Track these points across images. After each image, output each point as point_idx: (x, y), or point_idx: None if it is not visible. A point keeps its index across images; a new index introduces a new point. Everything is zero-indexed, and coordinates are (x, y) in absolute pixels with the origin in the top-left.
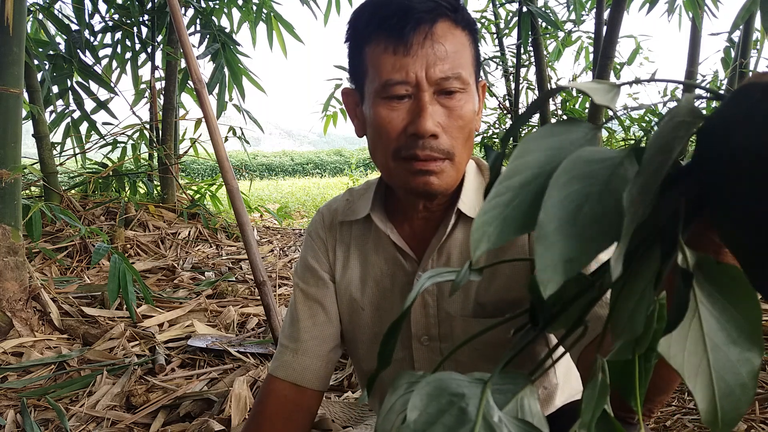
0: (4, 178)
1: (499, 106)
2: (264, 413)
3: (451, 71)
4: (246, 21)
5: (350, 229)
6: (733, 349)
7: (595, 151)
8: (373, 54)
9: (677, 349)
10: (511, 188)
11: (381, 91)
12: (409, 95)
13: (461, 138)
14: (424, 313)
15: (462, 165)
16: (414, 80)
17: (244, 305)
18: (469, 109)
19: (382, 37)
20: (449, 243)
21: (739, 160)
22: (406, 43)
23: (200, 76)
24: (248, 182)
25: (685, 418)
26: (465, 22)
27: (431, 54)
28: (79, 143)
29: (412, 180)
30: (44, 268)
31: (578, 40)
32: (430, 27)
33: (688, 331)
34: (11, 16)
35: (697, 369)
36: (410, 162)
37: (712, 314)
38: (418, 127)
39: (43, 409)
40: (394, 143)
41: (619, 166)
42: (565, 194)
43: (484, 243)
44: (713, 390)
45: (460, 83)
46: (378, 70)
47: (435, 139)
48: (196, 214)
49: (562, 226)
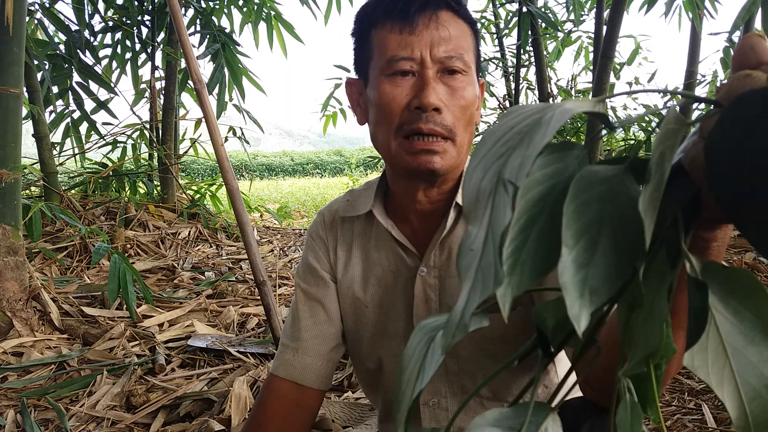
0: (4, 178)
1: (499, 106)
2: (265, 412)
3: (454, 51)
4: (247, 21)
5: (352, 226)
6: (753, 351)
7: (593, 173)
8: (379, 36)
9: (700, 360)
10: (521, 231)
11: (385, 68)
12: (413, 72)
13: (462, 119)
14: (426, 308)
15: (462, 149)
16: (419, 57)
17: (244, 305)
18: (470, 92)
19: (388, 20)
20: (451, 238)
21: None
22: (411, 23)
23: (200, 76)
24: (248, 182)
25: (686, 418)
26: (466, 17)
27: (435, 35)
28: (79, 143)
29: (414, 160)
30: (44, 268)
31: (578, 40)
32: (434, 11)
33: (707, 340)
34: (11, 16)
35: (722, 377)
36: (412, 141)
37: (726, 319)
38: (422, 100)
39: (43, 409)
40: (398, 119)
41: (620, 183)
42: (579, 224)
43: (510, 293)
44: (740, 396)
45: (462, 64)
46: (383, 49)
47: (438, 114)
48: (196, 214)
49: (582, 255)
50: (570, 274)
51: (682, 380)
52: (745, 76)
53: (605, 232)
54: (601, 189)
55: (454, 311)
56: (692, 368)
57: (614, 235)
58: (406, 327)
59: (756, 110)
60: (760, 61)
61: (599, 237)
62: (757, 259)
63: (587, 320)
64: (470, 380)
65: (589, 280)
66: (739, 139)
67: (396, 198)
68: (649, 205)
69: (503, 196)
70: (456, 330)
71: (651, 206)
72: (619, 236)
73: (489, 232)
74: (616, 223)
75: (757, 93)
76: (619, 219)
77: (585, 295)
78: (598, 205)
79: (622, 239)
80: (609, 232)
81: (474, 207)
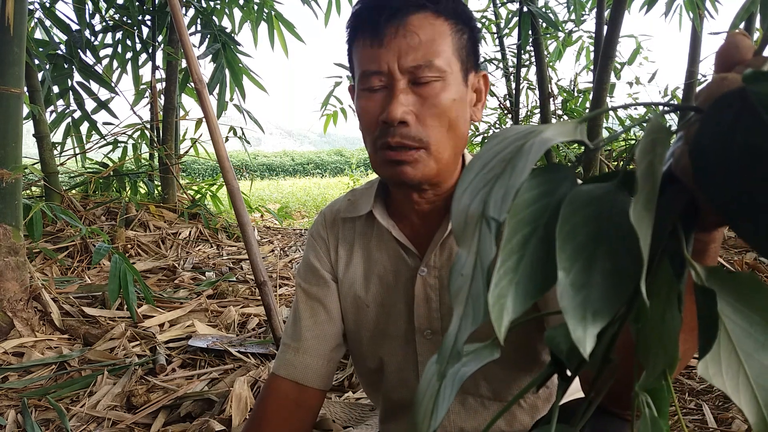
0: (5, 178)
1: (499, 106)
2: (265, 411)
3: (423, 59)
4: (247, 21)
5: (353, 226)
6: (765, 355)
7: (583, 193)
8: (356, 50)
9: (715, 369)
10: (514, 251)
11: (360, 82)
12: (384, 86)
13: (437, 126)
14: (427, 308)
15: (443, 154)
16: (387, 70)
17: (244, 305)
18: (446, 97)
19: (362, 32)
20: (451, 238)
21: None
22: (379, 35)
23: (201, 76)
24: (249, 182)
25: (686, 419)
26: (449, 12)
27: (403, 44)
28: (79, 143)
29: (388, 170)
30: (45, 268)
31: (579, 40)
32: (402, 18)
33: (719, 348)
34: (12, 16)
35: (737, 384)
36: (385, 151)
37: (735, 323)
38: (387, 115)
39: (44, 409)
40: (372, 133)
41: (612, 200)
42: (573, 246)
43: (506, 317)
44: (757, 401)
45: (433, 72)
46: (359, 63)
47: (405, 126)
48: (197, 214)
49: (579, 277)
50: (569, 298)
51: (683, 380)
52: (721, 80)
53: (601, 251)
54: (593, 208)
55: (447, 338)
56: (707, 377)
57: (611, 254)
58: (407, 327)
59: (734, 110)
60: (743, 59)
61: (595, 257)
62: (758, 260)
63: (592, 342)
64: (471, 381)
65: (590, 301)
66: (723, 141)
67: (395, 199)
68: (641, 216)
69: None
70: (450, 357)
71: (644, 217)
72: (616, 254)
73: (477, 261)
74: (612, 241)
75: (735, 93)
76: (615, 236)
77: (587, 317)
78: (593, 224)
79: (619, 256)
80: (605, 251)
81: (463, 231)
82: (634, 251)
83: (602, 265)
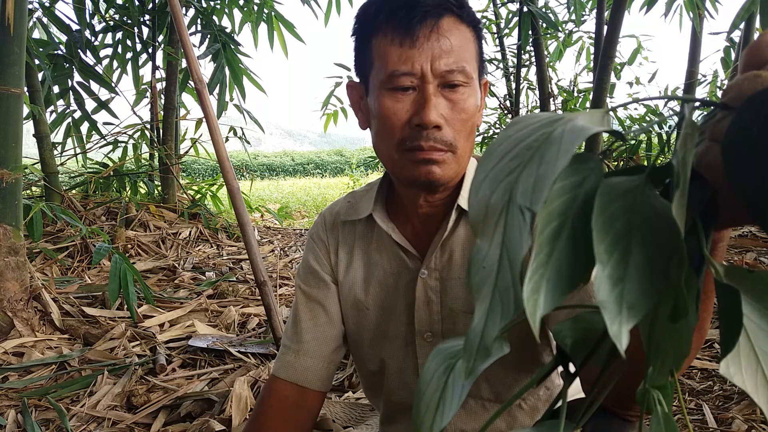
0: (5, 178)
1: (499, 106)
2: (265, 413)
3: (455, 64)
4: (247, 21)
5: (353, 229)
6: None
7: (615, 185)
8: (380, 46)
9: (735, 368)
10: (545, 243)
11: (386, 82)
12: (413, 87)
13: (464, 131)
14: (427, 310)
15: (464, 159)
16: (419, 72)
17: (244, 305)
18: (471, 104)
19: (389, 29)
20: (452, 240)
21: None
22: (412, 35)
23: (201, 76)
24: (249, 182)
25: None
26: (470, 19)
27: (437, 47)
28: (79, 143)
29: (415, 170)
30: (45, 268)
31: (579, 40)
32: (436, 21)
33: (739, 347)
34: (12, 16)
35: (755, 382)
36: (414, 152)
37: (754, 323)
38: (423, 118)
39: (44, 409)
40: (399, 134)
41: (643, 193)
42: (609, 238)
43: (539, 312)
44: None
45: (463, 77)
46: (384, 62)
47: (438, 131)
48: (197, 214)
49: (616, 270)
50: (606, 291)
51: (683, 380)
52: (755, 77)
53: (636, 243)
54: (626, 201)
55: (472, 333)
56: (728, 376)
57: (644, 247)
58: (408, 329)
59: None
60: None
61: (630, 250)
62: (758, 259)
63: (628, 338)
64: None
65: (626, 295)
66: (757, 138)
67: (398, 199)
68: (678, 210)
69: (519, 220)
70: (477, 354)
71: (680, 212)
72: (649, 247)
73: (504, 253)
74: (645, 234)
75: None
76: (647, 229)
77: (623, 311)
78: (626, 217)
79: (652, 250)
80: (639, 244)
81: (483, 222)
82: (666, 245)
83: (637, 259)
